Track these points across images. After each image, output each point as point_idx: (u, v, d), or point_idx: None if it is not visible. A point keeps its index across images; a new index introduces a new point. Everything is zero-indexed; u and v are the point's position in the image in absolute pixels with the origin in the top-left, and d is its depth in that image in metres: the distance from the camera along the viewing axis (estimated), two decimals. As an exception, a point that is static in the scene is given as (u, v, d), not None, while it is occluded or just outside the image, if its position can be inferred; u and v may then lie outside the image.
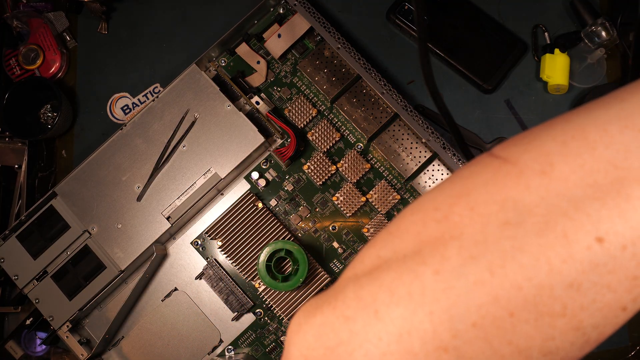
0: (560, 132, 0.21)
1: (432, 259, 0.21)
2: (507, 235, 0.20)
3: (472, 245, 0.20)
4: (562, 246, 0.19)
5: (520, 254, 0.20)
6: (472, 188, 0.22)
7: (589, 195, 0.19)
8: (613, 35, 0.63)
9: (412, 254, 0.22)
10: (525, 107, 0.66)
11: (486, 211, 0.21)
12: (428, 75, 0.32)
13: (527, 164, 0.21)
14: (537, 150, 0.21)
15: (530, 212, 0.20)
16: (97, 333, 0.63)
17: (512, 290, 0.20)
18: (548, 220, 0.20)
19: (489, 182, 0.21)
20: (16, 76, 0.71)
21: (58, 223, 0.62)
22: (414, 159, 0.61)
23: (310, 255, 0.60)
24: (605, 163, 0.20)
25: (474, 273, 0.20)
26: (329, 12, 0.69)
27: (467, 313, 0.20)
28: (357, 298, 0.22)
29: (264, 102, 0.64)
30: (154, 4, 0.72)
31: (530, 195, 0.20)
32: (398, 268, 0.22)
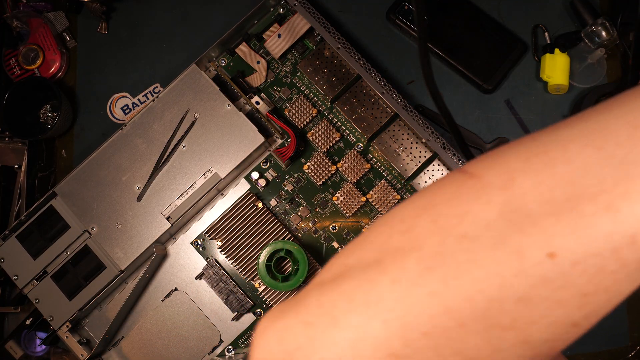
0: (525, 149, 0.22)
1: (391, 268, 0.22)
2: (463, 248, 0.21)
3: (431, 256, 0.21)
4: (515, 260, 0.20)
5: (474, 267, 0.20)
6: (437, 201, 0.22)
7: (545, 211, 0.20)
8: (613, 35, 0.63)
9: (374, 263, 0.22)
10: (525, 107, 0.66)
11: (447, 224, 0.21)
12: (428, 75, 0.32)
13: (490, 179, 0.21)
14: (501, 166, 0.22)
15: (488, 226, 0.20)
16: (97, 333, 0.63)
17: (463, 302, 0.20)
18: (504, 234, 0.20)
19: (452, 196, 0.22)
20: (16, 76, 0.71)
21: (58, 223, 0.62)
22: (414, 159, 0.61)
23: (310, 255, 0.60)
24: (563, 180, 0.20)
25: (429, 284, 0.21)
26: (329, 12, 0.69)
27: (419, 322, 0.21)
28: (318, 304, 0.23)
29: (264, 102, 0.64)
30: (154, 4, 0.72)
31: (490, 209, 0.21)
32: (359, 276, 0.22)
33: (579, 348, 0.62)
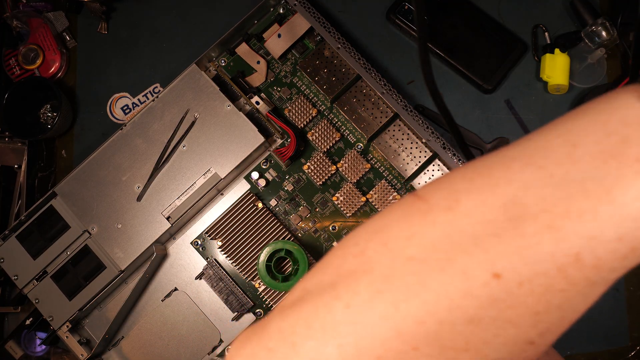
0: (471, 169, 0.22)
1: (345, 293, 0.22)
2: (412, 270, 0.21)
3: (381, 280, 0.21)
4: (461, 282, 0.20)
5: (422, 289, 0.20)
6: (388, 224, 0.23)
7: (488, 232, 0.20)
8: (613, 35, 0.63)
9: (329, 287, 0.22)
10: (525, 107, 0.66)
11: (396, 246, 0.22)
12: (428, 75, 0.32)
13: (437, 201, 0.22)
14: (448, 187, 0.22)
15: (434, 247, 0.21)
16: (97, 333, 0.63)
17: (414, 325, 0.20)
18: (449, 256, 0.20)
19: (402, 218, 0.22)
20: (16, 76, 0.71)
21: (58, 223, 0.62)
22: (414, 159, 0.61)
23: (310, 255, 0.60)
24: (505, 199, 0.20)
25: (380, 307, 0.21)
26: (329, 12, 0.69)
27: (373, 347, 0.21)
28: (279, 330, 0.23)
29: (264, 102, 0.64)
30: (154, 4, 0.72)
31: (436, 231, 0.21)
32: (316, 301, 0.22)
33: (579, 348, 0.62)
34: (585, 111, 0.21)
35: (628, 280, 0.63)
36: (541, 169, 0.20)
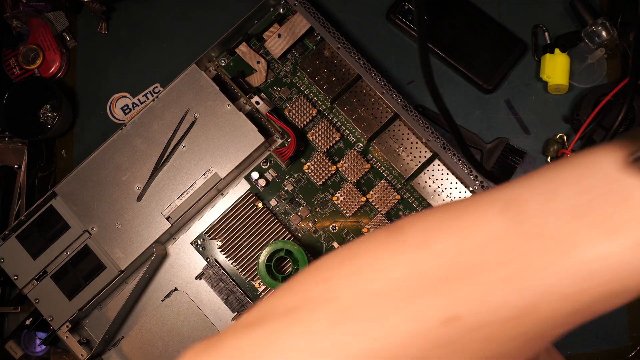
0: (453, 209, 0.23)
1: (305, 318, 0.22)
2: (374, 304, 0.21)
3: (342, 310, 0.21)
4: (415, 322, 0.20)
5: (378, 325, 0.21)
6: (363, 252, 0.23)
7: (452, 275, 0.21)
8: (613, 35, 0.63)
9: (293, 310, 0.22)
10: (525, 107, 0.66)
11: (364, 278, 0.22)
12: (428, 75, 0.32)
13: (413, 235, 0.22)
14: (424, 224, 0.22)
15: (399, 284, 0.21)
16: (97, 333, 0.63)
17: (366, 359, 0.20)
18: (411, 295, 0.21)
19: (377, 248, 0.23)
20: (16, 76, 0.71)
21: (58, 223, 0.62)
22: (414, 159, 0.61)
23: (310, 255, 0.60)
24: (474, 245, 0.21)
25: (335, 338, 0.21)
26: (329, 12, 0.69)
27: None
28: (232, 348, 0.22)
29: (264, 102, 0.64)
30: (154, 4, 0.72)
31: (405, 267, 0.21)
32: (277, 323, 0.22)
33: (579, 348, 0.62)
34: (561, 167, 0.22)
35: (628, 280, 0.63)
36: (512, 219, 0.21)
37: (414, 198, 0.63)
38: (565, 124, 0.66)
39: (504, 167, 0.64)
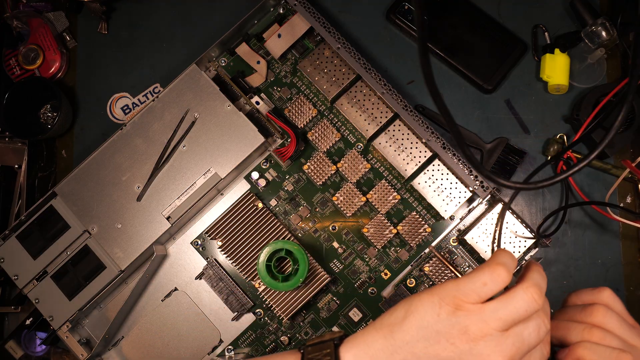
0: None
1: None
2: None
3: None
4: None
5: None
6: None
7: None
8: (613, 35, 0.63)
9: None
10: (525, 107, 0.66)
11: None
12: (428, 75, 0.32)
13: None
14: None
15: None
16: (97, 333, 0.63)
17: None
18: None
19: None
20: (16, 76, 0.71)
21: (58, 223, 0.62)
22: (414, 159, 0.61)
23: (310, 255, 0.60)
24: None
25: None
26: (329, 12, 0.69)
27: None
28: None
29: (264, 102, 0.64)
30: (154, 4, 0.72)
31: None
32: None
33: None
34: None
35: (628, 280, 0.63)
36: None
37: (414, 198, 0.63)
38: (565, 124, 0.66)
39: (504, 167, 0.64)
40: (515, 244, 0.59)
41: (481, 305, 0.35)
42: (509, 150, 0.65)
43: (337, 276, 0.62)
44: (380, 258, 0.62)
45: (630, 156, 0.65)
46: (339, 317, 0.62)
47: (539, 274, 0.38)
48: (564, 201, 0.64)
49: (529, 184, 0.40)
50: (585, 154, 0.37)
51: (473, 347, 0.34)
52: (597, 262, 0.63)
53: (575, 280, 0.63)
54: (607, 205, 0.60)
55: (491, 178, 0.39)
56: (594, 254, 0.63)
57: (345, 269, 0.62)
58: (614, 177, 0.64)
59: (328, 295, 0.62)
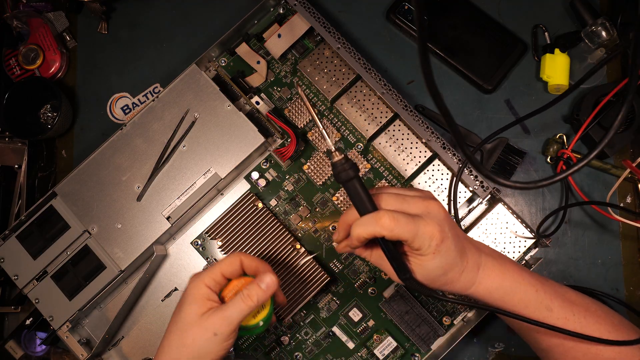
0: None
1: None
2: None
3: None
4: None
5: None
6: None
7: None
8: (613, 35, 0.63)
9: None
10: (525, 107, 0.66)
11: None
12: (428, 75, 0.32)
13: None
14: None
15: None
16: (97, 333, 0.63)
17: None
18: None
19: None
20: (16, 76, 0.71)
21: (58, 223, 0.62)
22: (414, 159, 0.61)
23: (310, 255, 0.60)
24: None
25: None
26: (329, 12, 0.69)
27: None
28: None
29: (264, 102, 0.64)
30: (154, 4, 0.72)
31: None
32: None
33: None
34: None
35: (628, 280, 0.63)
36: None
37: (414, 198, 0.63)
38: (565, 124, 0.66)
39: (504, 167, 0.64)
40: (515, 244, 0.59)
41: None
42: (509, 150, 0.65)
43: (337, 276, 0.62)
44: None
45: (630, 156, 0.65)
46: (339, 317, 0.62)
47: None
48: (564, 201, 0.64)
49: (528, 184, 0.40)
50: (585, 154, 0.37)
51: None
52: (597, 262, 0.63)
53: (576, 280, 0.63)
54: (608, 205, 0.60)
55: (491, 178, 0.39)
56: (594, 254, 0.63)
57: (345, 269, 0.62)
58: (614, 177, 0.64)
59: (328, 295, 0.62)
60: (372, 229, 0.40)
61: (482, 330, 0.63)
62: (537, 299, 0.45)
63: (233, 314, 0.45)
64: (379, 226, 0.40)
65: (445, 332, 0.60)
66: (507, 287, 0.44)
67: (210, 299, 0.46)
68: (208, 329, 0.44)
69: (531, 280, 0.46)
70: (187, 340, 0.45)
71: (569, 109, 0.66)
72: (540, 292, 0.45)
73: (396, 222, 0.39)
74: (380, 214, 0.40)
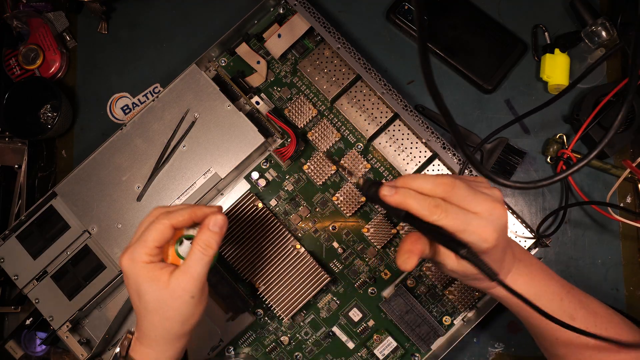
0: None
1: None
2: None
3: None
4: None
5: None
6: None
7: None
8: (613, 35, 0.63)
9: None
10: (525, 107, 0.66)
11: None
12: (428, 75, 0.32)
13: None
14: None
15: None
16: (97, 333, 0.63)
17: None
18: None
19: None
20: (16, 76, 0.71)
21: (58, 223, 0.62)
22: (414, 159, 0.61)
23: (310, 255, 0.60)
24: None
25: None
26: (329, 12, 0.69)
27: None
28: None
29: (264, 102, 0.64)
30: (154, 4, 0.72)
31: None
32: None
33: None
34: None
35: (628, 280, 0.63)
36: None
37: (414, 198, 0.62)
38: (565, 124, 0.66)
39: (504, 167, 0.64)
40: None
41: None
42: (509, 150, 0.65)
43: (337, 276, 0.62)
44: (380, 258, 0.62)
45: (630, 156, 0.65)
46: (339, 317, 0.62)
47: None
48: (564, 201, 0.64)
49: (528, 184, 0.40)
50: (585, 154, 0.37)
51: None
52: (597, 262, 0.63)
53: (576, 280, 0.63)
54: (608, 205, 0.60)
55: (491, 178, 0.39)
56: (594, 254, 0.63)
57: (345, 269, 0.62)
58: (614, 177, 0.64)
59: (328, 295, 0.62)
60: (425, 206, 0.38)
61: (482, 330, 0.63)
62: (561, 307, 0.45)
63: (198, 269, 0.43)
64: (431, 209, 0.38)
65: (445, 332, 0.60)
66: (533, 293, 0.44)
67: (162, 269, 0.44)
68: (182, 295, 0.43)
69: (557, 288, 0.46)
70: (168, 313, 0.44)
71: (569, 109, 0.66)
72: (564, 301, 0.45)
73: (446, 213, 0.38)
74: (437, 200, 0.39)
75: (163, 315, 0.44)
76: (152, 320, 0.44)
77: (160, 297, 0.43)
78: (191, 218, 0.45)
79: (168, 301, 0.43)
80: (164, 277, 0.43)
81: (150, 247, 0.44)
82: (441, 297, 0.61)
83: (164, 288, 0.43)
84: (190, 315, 0.44)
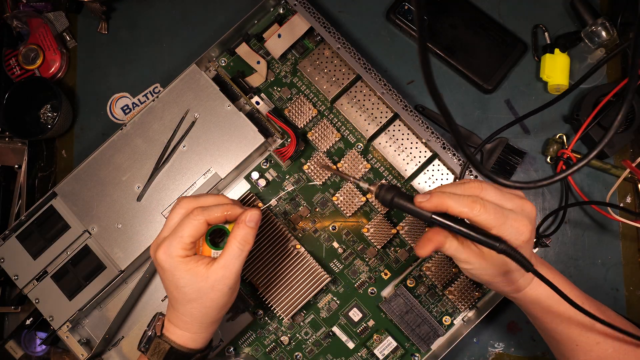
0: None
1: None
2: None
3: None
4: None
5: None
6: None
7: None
8: (613, 35, 0.63)
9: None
10: (525, 107, 0.66)
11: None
12: (428, 75, 0.32)
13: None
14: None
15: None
16: (97, 333, 0.63)
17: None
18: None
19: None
20: (16, 76, 0.71)
21: (58, 223, 0.62)
22: (414, 159, 0.61)
23: (310, 255, 0.60)
24: None
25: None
26: (329, 12, 0.69)
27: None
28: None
29: (264, 102, 0.64)
30: (154, 4, 0.72)
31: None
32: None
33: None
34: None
35: (628, 280, 0.63)
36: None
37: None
38: (565, 124, 0.66)
39: (504, 167, 0.64)
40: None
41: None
42: (509, 150, 0.65)
43: (337, 276, 0.62)
44: (380, 258, 0.62)
45: (630, 156, 0.65)
46: (339, 317, 0.62)
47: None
48: (564, 201, 0.64)
49: (528, 184, 0.40)
50: (585, 154, 0.37)
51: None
52: (597, 262, 0.63)
53: (576, 280, 0.63)
54: (607, 205, 0.60)
55: (491, 178, 0.39)
56: (594, 254, 0.64)
57: (345, 269, 0.62)
58: (614, 177, 0.64)
59: (328, 295, 0.62)
60: (465, 204, 0.40)
61: (482, 330, 0.63)
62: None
63: (237, 264, 0.46)
64: (470, 205, 0.40)
65: (445, 332, 0.61)
66: (557, 297, 0.44)
67: (198, 261, 0.46)
68: (222, 288, 0.46)
69: (577, 293, 0.48)
70: (207, 303, 0.47)
71: (568, 109, 0.66)
72: (585, 306, 0.45)
73: (485, 208, 0.40)
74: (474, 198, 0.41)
75: (202, 304, 0.47)
76: (190, 308, 0.47)
77: (200, 288, 0.46)
78: (225, 216, 0.48)
79: (208, 293, 0.46)
80: (202, 270, 0.46)
81: (186, 242, 0.46)
82: (441, 297, 0.61)
83: (203, 281, 0.46)
84: (226, 303, 0.48)
